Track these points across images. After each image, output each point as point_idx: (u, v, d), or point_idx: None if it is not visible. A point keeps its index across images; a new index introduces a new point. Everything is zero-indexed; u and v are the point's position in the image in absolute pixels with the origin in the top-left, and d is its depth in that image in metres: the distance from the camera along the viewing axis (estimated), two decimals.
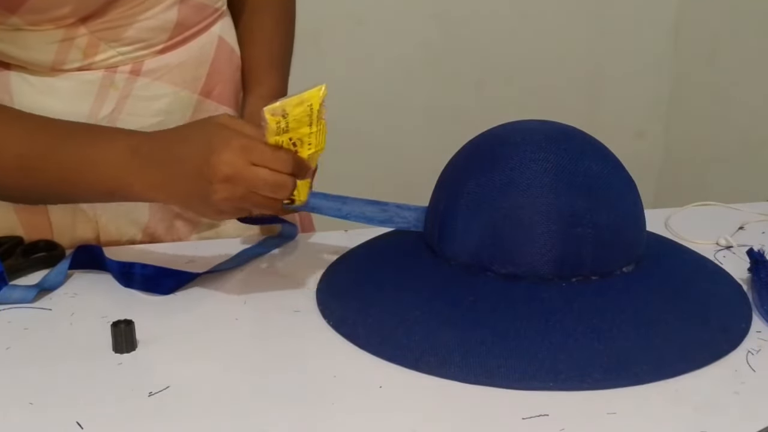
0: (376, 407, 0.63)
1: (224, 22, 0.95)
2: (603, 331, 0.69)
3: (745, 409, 0.63)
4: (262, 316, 0.76)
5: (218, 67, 0.93)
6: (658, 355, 0.68)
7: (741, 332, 0.73)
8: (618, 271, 0.75)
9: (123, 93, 0.86)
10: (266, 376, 0.67)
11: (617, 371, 0.66)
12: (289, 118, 0.70)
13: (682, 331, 0.71)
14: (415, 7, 1.95)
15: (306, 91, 0.70)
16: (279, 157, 0.70)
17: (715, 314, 0.75)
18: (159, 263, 0.82)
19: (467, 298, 0.73)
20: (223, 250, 0.88)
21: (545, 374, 0.66)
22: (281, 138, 0.70)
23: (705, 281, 0.82)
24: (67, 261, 0.82)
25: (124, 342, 0.70)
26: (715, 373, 0.67)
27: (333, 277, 0.82)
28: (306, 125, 0.70)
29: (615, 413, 0.62)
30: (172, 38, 0.88)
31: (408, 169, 1.75)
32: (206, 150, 0.70)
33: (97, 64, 0.84)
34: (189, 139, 0.73)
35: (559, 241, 0.73)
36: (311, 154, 0.72)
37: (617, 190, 0.76)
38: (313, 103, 0.70)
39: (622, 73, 2.15)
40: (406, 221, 0.84)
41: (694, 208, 0.99)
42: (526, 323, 0.70)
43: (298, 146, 0.71)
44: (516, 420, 0.61)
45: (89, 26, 0.82)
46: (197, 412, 0.63)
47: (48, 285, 0.80)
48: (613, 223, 0.74)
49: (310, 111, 0.70)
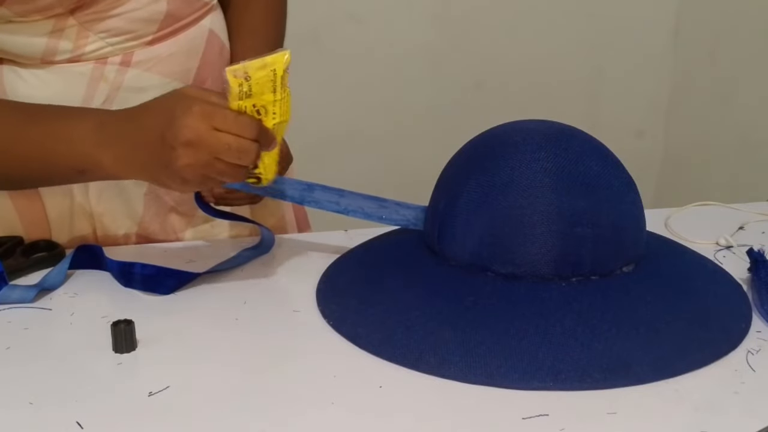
0: (376, 407, 0.63)
1: (215, 16, 0.95)
2: (603, 331, 0.69)
3: (745, 409, 0.63)
4: (262, 316, 0.76)
5: (209, 60, 0.93)
6: (658, 355, 0.68)
7: (740, 332, 0.73)
8: (618, 271, 0.75)
9: (113, 85, 0.87)
10: (266, 376, 0.67)
11: (617, 371, 0.66)
12: (251, 82, 0.68)
13: (681, 331, 0.71)
14: (415, 7, 1.95)
15: (269, 55, 0.68)
16: (242, 121, 0.69)
17: (715, 314, 0.75)
18: (159, 263, 0.82)
19: (467, 298, 0.73)
20: (223, 251, 0.88)
21: (545, 374, 0.66)
22: (244, 103, 0.69)
23: (704, 281, 0.82)
24: (67, 261, 0.82)
25: (124, 342, 0.70)
26: (715, 373, 0.67)
27: (333, 276, 0.82)
28: (270, 91, 0.69)
29: (615, 413, 0.62)
30: (162, 29, 0.88)
31: (408, 169, 1.75)
32: (169, 116, 0.69)
33: (87, 55, 0.85)
34: (153, 108, 0.72)
35: (559, 241, 0.73)
36: (276, 125, 0.71)
37: (617, 190, 0.76)
38: (277, 68, 0.68)
39: (622, 73, 2.15)
40: (404, 219, 0.84)
41: (694, 208, 0.99)
42: (526, 323, 0.70)
43: (262, 114, 0.70)
44: (516, 420, 0.61)
45: (78, 17, 0.82)
46: (197, 412, 0.63)
47: (48, 285, 0.80)
48: (612, 223, 0.75)
49: (273, 76, 0.68)
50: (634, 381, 0.65)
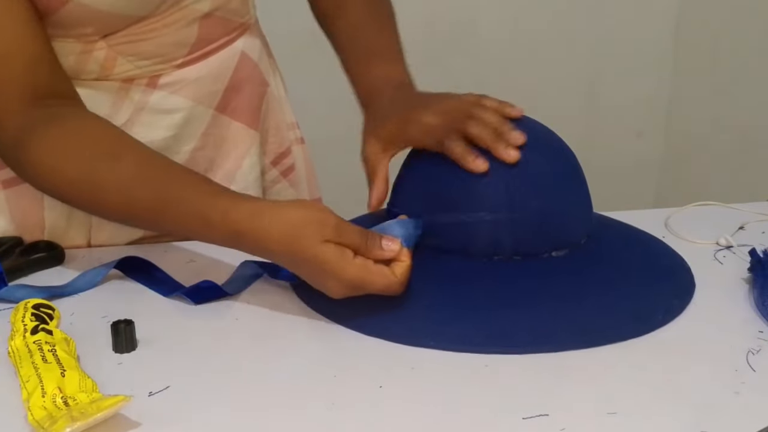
0: (376, 407, 0.63)
1: (249, 37, 0.94)
2: (500, 304, 0.74)
3: (745, 409, 0.63)
4: (262, 315, 0.76)
5: (237, 82, 0.93)
6: (538, 328, 0.72)
7: (649, 320, 0.74)
8: (545, 255, 0.79)
9: (138, 105, 0.86)
10: (266, 376, 0.67)
11: (495, 337, 0.71)
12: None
13: (578, 310, 0.74)
14: (414, 7, 1.95)
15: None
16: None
17: (631, 300, 0.77)
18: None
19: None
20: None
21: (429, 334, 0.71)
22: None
23: (644, 271, 0.83)
24: (108, 267, 0.81)
25: (124, 342, 0.70)
26: (715, 373, 0.67)
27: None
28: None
29: (615, 413, 0.62)
30: (192, 53, 0.87)
31: None
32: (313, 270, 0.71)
33: (114, 76, 0.85)
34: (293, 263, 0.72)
35: (481, 223, 0.77)
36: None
37: (549, 178, 0.79)
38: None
39: (622, 73, 2.15)
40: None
41: (694, 208, 0.99)
42: (434, 292, 0.76)
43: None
44: (516, 420, 0.61)
45: (108, 40, 0.82)
46: (197, 412, 0.63)
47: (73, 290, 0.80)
48: (536, 209, 0.78)
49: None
50: (512, 349, 0.70)
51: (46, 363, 0.64)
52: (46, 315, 0.70)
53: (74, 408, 0.59)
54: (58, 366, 0.63)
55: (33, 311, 0.70)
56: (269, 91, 0.99)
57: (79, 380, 0.62)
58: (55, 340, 0.67)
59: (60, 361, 0.64)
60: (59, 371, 0.63)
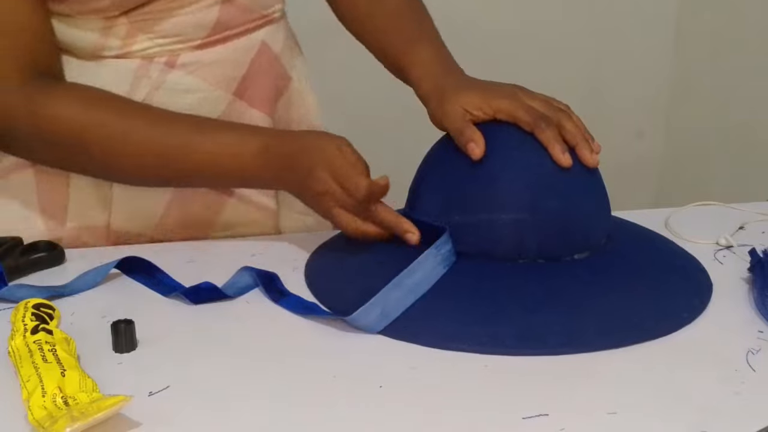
0: (376, 407, 0.63)
1: (273, 29, 0.95)
2: (528, 306, 0.74)
3: (745, 409, 0.63)
4: (262, 315, 0.76)
5: (255, 72, 0.93)
6: (573, 329, 0.72)
7: (673, 321, 0.74)
8: (568, 258, 0.80)
9: (155, 84, 0.88)
10: (266, 376, 0.67)
11: (528, 337, 0.71)
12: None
13: (603, 310, 0.75)
14: None
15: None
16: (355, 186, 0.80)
17: (652, 303, 0.77)
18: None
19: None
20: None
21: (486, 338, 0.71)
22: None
23: (663, 273, 0.83)
24: (108, 267, 0.81)
25: (124, 342, 0.70)
26: (715, 373, 0.67)
27: (317, 263, 0.85)
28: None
29: (615, 413, 0.62)
30: (211, 36, 0.89)
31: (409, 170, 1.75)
32: (313, 164, 0.82)
33: (134, 53, 0.87)
34: (307, 151, 0.83)
35: (504, 226, 0.78)
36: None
37: (572, 183, 0.80)
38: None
39: (622, 73, 2.15)
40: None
41: (694, 208, 0.99)
42: (461, 296, 0.76)
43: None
44: (516, 420, 0.61)
45: (129, 17, 0.85)
46: (197, 412, 0.63)
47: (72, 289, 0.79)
48: (559, 212, 0.79)
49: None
50: (546, 351, 0.70)
51: (47, 363, 0.64)
52: (47, 315, 0.71)
53: (74, 408, 0.59)
54: (59, 366, 0.63)
55: (33, 311, 0.70)
56: (291, 85, 1.00)
57: (80, 380, 0.62)
58: (56, 340, 0.67)
59: (60, 361, 0.64)
60: (59, 371, 0.63)
